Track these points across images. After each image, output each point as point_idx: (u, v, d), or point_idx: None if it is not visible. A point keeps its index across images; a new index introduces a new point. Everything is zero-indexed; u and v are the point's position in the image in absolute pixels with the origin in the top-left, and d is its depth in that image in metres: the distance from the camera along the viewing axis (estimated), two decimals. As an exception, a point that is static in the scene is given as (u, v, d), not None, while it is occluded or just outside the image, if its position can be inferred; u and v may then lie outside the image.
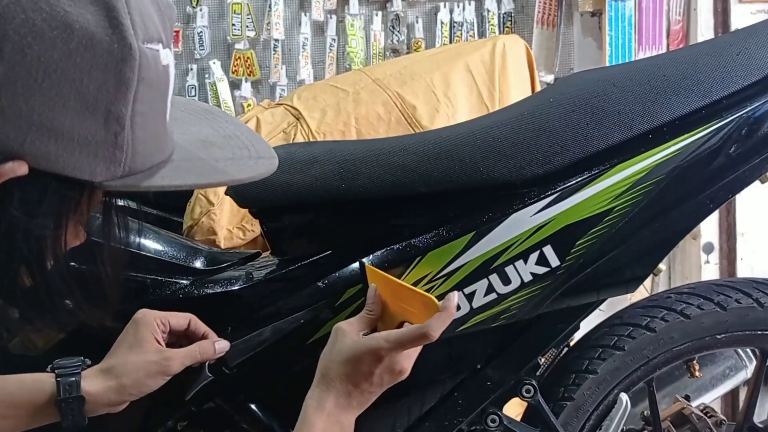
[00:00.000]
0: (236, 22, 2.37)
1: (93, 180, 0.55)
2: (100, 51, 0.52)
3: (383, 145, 1.03)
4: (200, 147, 0.65)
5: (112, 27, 0.53)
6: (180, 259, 1.07)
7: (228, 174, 0.65)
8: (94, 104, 0.53)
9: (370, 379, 0.83)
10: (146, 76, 0.56)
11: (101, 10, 0.52)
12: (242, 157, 0.67)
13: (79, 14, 0.51)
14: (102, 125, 0.54)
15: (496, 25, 2.37)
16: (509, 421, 1.08)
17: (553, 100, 1.00)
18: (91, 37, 0.52)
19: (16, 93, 0.50)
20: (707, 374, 1.63)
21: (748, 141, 0.96)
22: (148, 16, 0.56)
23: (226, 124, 0.72)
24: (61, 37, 0.51)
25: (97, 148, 0.54)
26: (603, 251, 0.98)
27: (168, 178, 0.60)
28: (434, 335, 0.82)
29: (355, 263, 0.99)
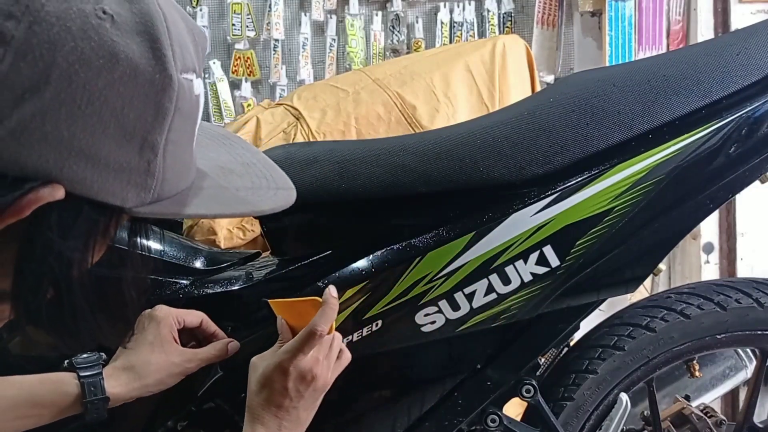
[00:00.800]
0: (236, 22, 2.37)
1: (123, 206, 0.56)
2: (143, 81, 0.54)
3: (383, 145, 1.03)
4: (220, 174, 0.66)
5: (156, 58, 0.54)
6: (180, 259, 1.07)
7: (250, 204, 0.66)
8: (131, 132, 0.54)
9: (286, 394, 0.85)
10: (181, 107, 0.57)
11: (146, 41, 0.54)
12: (261, 186, 0.69)
13: (126, 44, 0.52)
14: (137, 153, 0.55)
15: (496, 25, 2.37)
16: (509, 421, 1.08)
17: (553, 100, 1.00)
18: (135, 67, 0.53)
19: (60, 119, 0.51)
20: (707, 374, 1.63)
21: (748, 141, 0.96)
22: (185, 46, 0.57)
23: (243, 150, 0.73)
24: (106, 66, 0.52)
25: (130, 174, 0.55)
26: (603, 251, 0.98)
27: (194, 206, 0.61)
28: (321, 329, 0.85)
29: (356, 263, 0.99)
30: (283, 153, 1.08)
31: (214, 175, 0.66)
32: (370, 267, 0.99)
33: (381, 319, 0.99)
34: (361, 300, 0.98)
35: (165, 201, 0.59)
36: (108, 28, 0.52)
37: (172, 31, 0.56)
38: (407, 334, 1.00)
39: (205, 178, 0.64)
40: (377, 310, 0.98)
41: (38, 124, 0.50)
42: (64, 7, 0.50)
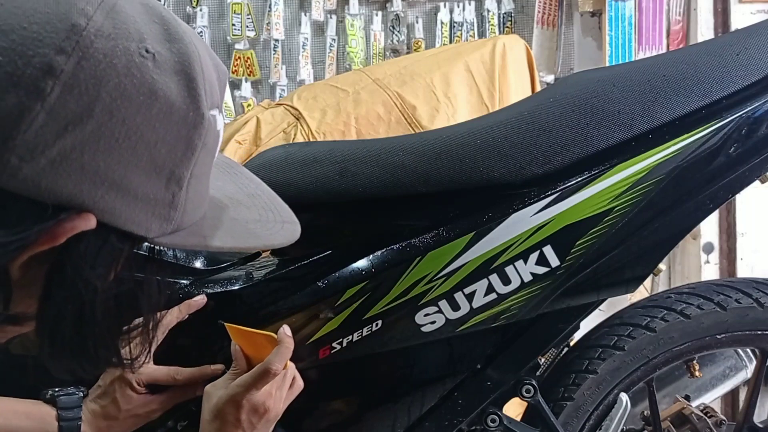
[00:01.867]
0: (236, 22, 2.37)
1: (147, 235, 0.58)
2: (177, 118, 0.55)
3: (383, 145, 1.03)
4: (230, 205, 0.69)
5: (191, 97, 0.56)
6: (180, 259, 1.07)
7: (259, 237, 0.69)
8: (161, 166, 0.56)
9: (239, 426, 0.87)
10: (207, 142, 0.59)
11: (183, 80, 0.55)
12: (269, 220, 0.71)
13: (164, 83, 0.54)
14: (164, 186, 0.57)
15: (496, 25, 2.37)
16: (509, 421, 1.08)
17: (553, 100, 1.00)
18: (171, 104, 0.55)
19: (97, 151, 0.53)
20: (707, 374, 1.63)
21: (748, 141, 0.96)
22: (213, 84, 0.59)
23: (247, 181, 0.75)
24: (146, 103, 0.54)
25: (155, 206, 0.57)
26: (603, 251, 0.98)
27: (209, 238, 0.63)
28: (275, 368, 0.86)
29: (356, 263, 0.99)
30: (283, 153, 1.08)
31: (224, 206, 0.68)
32: (370, 267, 0.99)
33: (381, 319, 0.99)
34: (361, 300, 0.98)
35: (182, 231, 0.61)
36: (150, 67, 0.54)
37: (205, 71, 0.58)
38: (407, 334, 1.00)
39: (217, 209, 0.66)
40: (377, 310, 0.98)
41: (77, 155, 0.52)
42: (111, 45, 0.52)
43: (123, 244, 0.58)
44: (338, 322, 0.99)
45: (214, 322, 0.99)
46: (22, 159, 0.51)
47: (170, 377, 0.97)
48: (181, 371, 0.98)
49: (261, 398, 0.87)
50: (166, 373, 0.97)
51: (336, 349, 1.00)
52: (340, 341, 0.99)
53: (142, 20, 0.55)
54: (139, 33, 0.54)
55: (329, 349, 1.00)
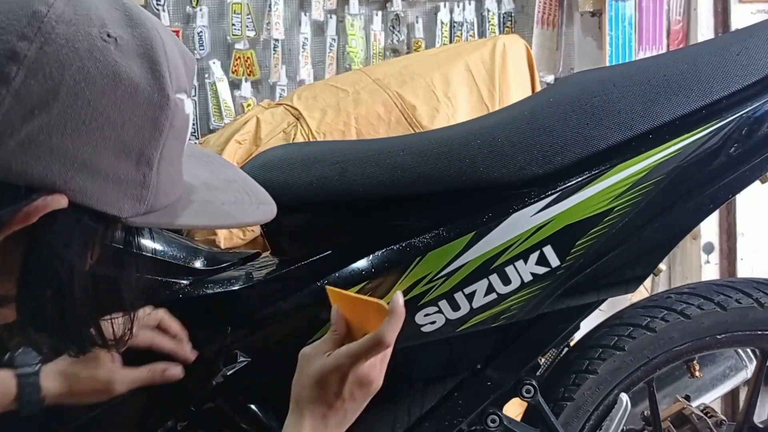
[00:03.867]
0: (236, 22, 2.37)
1: (120, 215, 0.60)
2: (142, 99, 0.58)
3: (383, 145, 1.03)
4: (205, 189, 0.71)
5: (155, 79, 0.58)
6: (180, 259, 1.07)
7: (234, 217, 0.71)
8: (130, 147, 0.58)
9: (341, 396, 0.84)
10: (175, 124, 0.61)
11: (146, 63, 0.58)
12: (244, 201, 0.73)
13: (127, 65, 0.57)
14: (134, 166, 0.59)
15: (496, 25, 2.37)
16: (509, 421, 1.08)
17: (553, 100, 1.00)
18: (135, 86, 0.57)
19: (65, 133, 0.55)
20: (707, 374, 1.63)
21: (748, 141, 0.96)
22: (179, 69, 0.62)
23: (224, 168, 0.78)
24: (110, 85, 0.56)
25: (127, 186, 0.59)
26: (603, 251, 0.98)
27: (182, 218, 0.65)
28: (388, 340, 0.83)
29: (355, 263, 0.99)
30: (283, 153, 1.08)
31: (199, 190, 0.70)
32: (370, 267, 0.99)
33: (381, 319, 0.99)
34: (361, 300, 0.98)
35: (157, 212, 0.63)
36: (112, 50, 0.56)
37: (169, 55, 0.60)
38: (407, 334, 1.00)
39: (192, 192, 0.68)
40: (377, 310, 0.98)
41: (45, 137, 0.54)
42: (73, 30, 0.55)
43: (97, 224, 0.60)
44: (338, 322, 0.99)
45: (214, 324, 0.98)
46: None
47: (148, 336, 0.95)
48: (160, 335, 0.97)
49: (367, 370, 0.84)
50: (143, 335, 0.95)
51: (336, 349, 1.00)
52: (340, 341, 0.99)
53: (104, 7, 0.57)
54: (101, 18, 0.56)
55: (329, 349, 1.00)
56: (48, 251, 0.58)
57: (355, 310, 0.88)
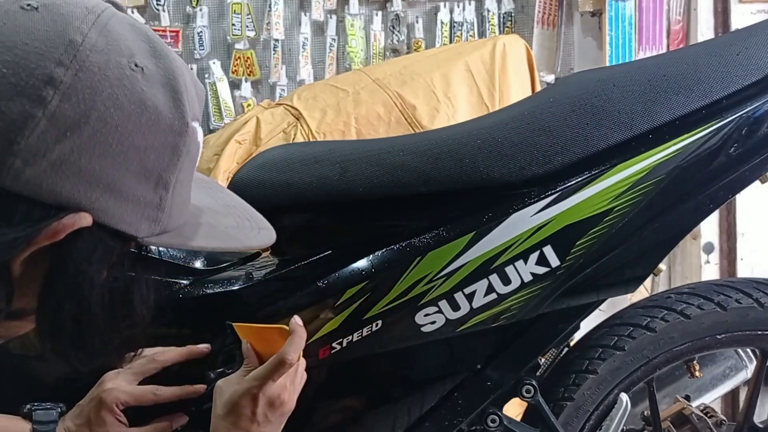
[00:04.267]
0: (236, 22, 2.37)
1: (137, 235, 0.63)
2: (164, 126, 0.61)
3: (383, 145, 1.03)
4: (208, 213, 0.74)
5: (176, 107, 0.62)
6: (180, 259, 1.07)
7: (240, 241, 0.75)
8: (150, 170, 0.62)
9: (254, 420, 0.87)
10: (191, 150, 0.65)
11: (169, 92, 0.62)
12: (245, 227, 0.77)
13: (152, 94, 0.60)
14: (152, 189, 0.63)
15: (496, 25, 2.37)
16: (509, 421, 1.08)
17: (553, 100, 1.00)
18: (159, 114, 0.61)
19: (93, 155, 0.58)
20: (707, 374, 1.63)
21: (748, 141, 0.96)
22: (193, 98, 0.66)
23: (221, 194, 0.82)
24: (136, 112, 0.59)
25: (145, 208, 0.63)
26: (603, 251, 0.98)
27: (193, 240, 0.69)
28: (290, 359, 0.87)
29: (355, 263, 0.99)
30: (283, 153, 1.08)
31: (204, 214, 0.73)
32: (370, 267, 0.99)
33: (381, 320, 0.99)
34: (361, 300, 0.98)
35: (169, 233, 0.66)
36: (139, 79, 0.60)
37: (187, 85, 0.64)
38: (407, 334, 1.00)
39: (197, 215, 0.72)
40: (377, 311, 0.98)
41: (76, 158, 0.57)
42: (105, 59, 0.58)
43: (115, 242, 0.63)
44: (338, 322, 0.99)
45: (213, 325, 0.98)
46: (25, 162, 0.56)
47: (150, 394, 0.96)
48: (161, 389, 0.97)
49: (277, 391, 0.87)
50: (144, 391, 0.96)
51: (336, 350, 1.00)
52: (340, 341, 0.99)
53: (131, 38, 0.61)
54: (129, 49, 0.60)
55: (329, 349, 1.00)
56: (73, 267, 0.61)
57: (263, 340, 0.91)
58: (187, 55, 2.40)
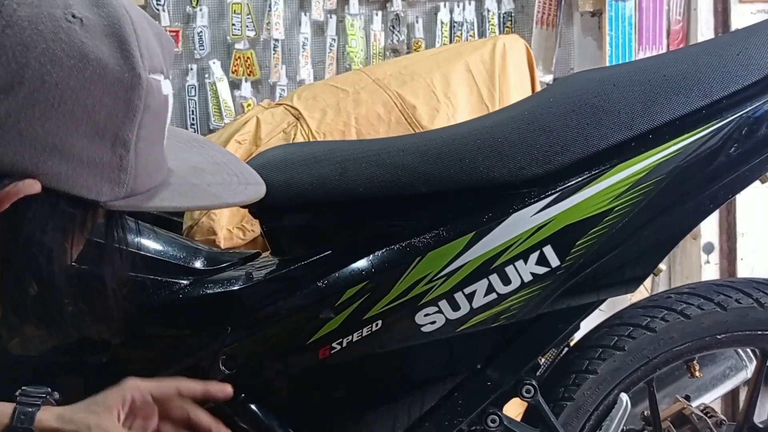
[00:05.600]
0: (236, 22, 2.37)
1: (98, 199, 0.59)
2: (112, 79, 0.57)
3: (383, 145, 1.03)
4: (192, 173, 0.70)
5: (124, 58, 0.57)
6: (180, 259, 1.07)
7: (220, 198, 0.70)
8: (103, 129, 0.57)
9: None
10: (151, 104, 0.60)
11: (114, 43, 0.57)
12: (232, 183, 0.72)
13: (95, 45, 0.56)
14: (109, 149, 0.58)
15: (496, 25, 2.36)
16: (509, 421, 1.08)
17: (553, 100, 1.00)
18: (104, 66, 0.56)
19: (33, 117, 0.54)
20: (707, 374, 1.63)
21: (748, 141, 0.96)
22: (152, 48, 0.60)
23: (213, 152, 0.77)
24: (77, 66, 0.55)
25: (103, 169, 0.58)
26: (603, 251, 0.98)
27: (166, 200, 0.64)
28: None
29: (356, 263, 0.99)
30: (283, 153, 1.08)
31: (186, 174, 0.69)
32: (370, 267, 0.99)
33: (381, 320, 0.99)
34: (361, 300, 0.98)
35: (138, 196, 0.62)
36: (77, 31, 0.55)
37: (140, 34, 0.58)
38: (407, 334, 1.00)
39: (177, 176, 0.67)
40: (377, 311, 0.98)
41: (13, 122, 0.53)
42: (36, 12, 0.54)
43: (74, 209, 0.59)
44: (338, 323, 0.99)
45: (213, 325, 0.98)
46: None
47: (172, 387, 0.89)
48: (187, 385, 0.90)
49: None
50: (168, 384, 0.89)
51: (336, 350, 1.00)
52: (340, 341, 0.99)
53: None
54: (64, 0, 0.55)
55: (329, 349, 1.00)
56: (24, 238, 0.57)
57: None
58: (187, 55, 2.40)
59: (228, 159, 0.77)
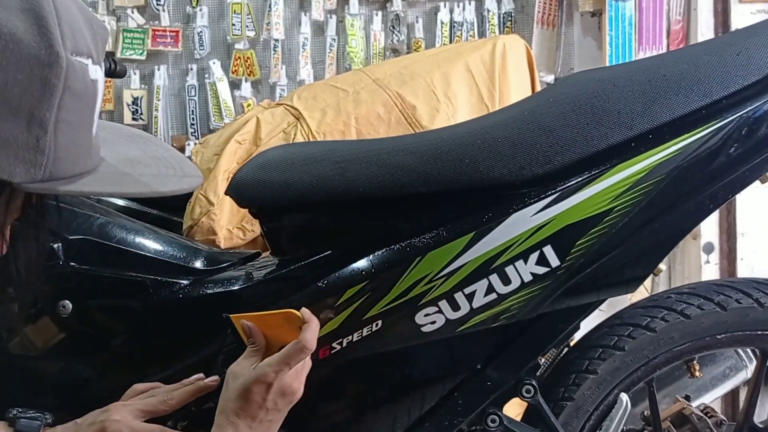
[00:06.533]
0: (236, 22, 2.37)
1: (11, 180, 0.56)
2: (27, 56, 0.54)
3: (383, 145, 1.03)
4: (127, 164, 0.68)
5: (41, 34, 0.55)
6: (180, 259, 1.07)
7: (149, 186, 0.67)
8: (17, 107, 0.55)
9: (264, 406, 0.85)
10: (72, 86, 0.57)
11: (30, 18, 0.55)
12: (167, 174, 0.70)
13: (8, 20, 0.53)
14: (24, 128, 0.56)
15: (496, 25, 2.37)
16: (509, 421, 1.08)
17: (553, 100, 1.00)
18: (18, 41, 0.54)
19: None
20: (707, 374, 1.63)
21: (748, 141, 0.96)
22: (79, 31, 0.58)
23: (155, 147, 0.75)
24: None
25: (18, 149, 0.56)
26: (603, 251, 0.98)
27: (88, 185, 0.62)
28: (310, 346, 0.86)
29: (356, 263, 0.99)
30: (283, 153, 1.08)
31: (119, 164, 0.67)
32: (370, 267, 0.99)
33: (381, 320, 0.99)
34: (361, 300, 0.98)
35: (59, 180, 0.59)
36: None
37: (62, 13, 0.56)
38: (407, 334, 1.00)
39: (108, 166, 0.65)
40: (377, 311, 0.98)
41: None
42: None
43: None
44: (338, 323, 0.99)
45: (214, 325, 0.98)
46: None
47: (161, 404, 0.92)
48: (172, 395, 0.93)
49: (290, 379, 0.86)
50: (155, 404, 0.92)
51: (336, 350, 1.00)
52: (340, 341, 0.99)
53: None
54: None
55: (329, 349, 1.00)
56: None
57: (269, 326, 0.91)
58: (187, 55, 2.40)
59: (170, 154, 0.75)
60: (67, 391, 1.05)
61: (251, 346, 0.90)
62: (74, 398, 1.05)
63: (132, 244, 1.04)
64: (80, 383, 1.05)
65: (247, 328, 0.91)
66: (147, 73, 2.39)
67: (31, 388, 1.04)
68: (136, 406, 0.91)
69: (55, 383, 1.05)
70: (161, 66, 2.38)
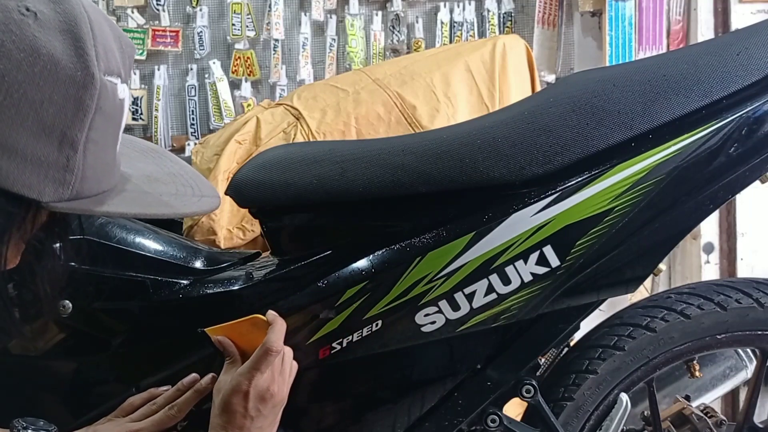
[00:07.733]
0: (236, 22, 2.37)
1: (40, 199, 0.57)
2: (64, 77, 0.55)
3: (383, 145, 1.03)
4: (145, 182, 0.68)
5: (78, 56, 0.55)
6: (180, 259, 1.07)
7: (172, 207, 0.68)
8: (51, 127, 0.55)
9: (247, 415, 0.86)
10: (103, 106, 0.58)
11: (69, 40, 0.55)
12: (186, 194, 0.71)
13: (47, 41, 0.54)
14: (56, 148, 0.56)
15: (496, 25, 2.37)
16: (509, 421, 1.08)
17: (553, 100, 1.00)
18: (56, 63, 0.54)
19: None
20: (707, 374, 1.63)
21: (748, 141, 0.96)
22: (111, 51, 0.59)
23: (170, 163, 0.75)
24: (27, 60, 0.53)
25: (48, 169, 0.56)
26: (603, 251, 0.98)
27: (114, 205, 0.62)
28: (275, 347, 0.86)
29: (356, 263, 0.99)
30: (283, 153, 1.08)
31: (139, 182, 0.67)
32: (370, 267, 0.99)
33: (381, 320, 0.99)
34: (361, 300, 0.98)
35: (85, 199, 0.60)
36: (30, 24, 0.53)
37: (97, 34, 0.57)
38: (407, 334, 1.00)
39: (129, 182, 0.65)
40: (377, 311, 0.98)
41: None
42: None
43: (15, 208, 0.57)
44: (338, 323, 0.99)
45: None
46: None
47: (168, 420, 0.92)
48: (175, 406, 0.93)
49: (265, 384, 0.86)
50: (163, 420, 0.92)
51: (336, 350, 1.00)
52: (340, 341, 0.99)
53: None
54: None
55: (329, 349, 1.00)
56: None
57: (239, 335, 0.92)
58: (187, 55, 2.40)
59: (185, 171, 0.76)
60: (67, 391, 1.05)
61: (227, 359, 0.92)
62: (74, 398, 1.05)
63: (132, 244, 1.04)
64: (80, 383, 1.05)
65: (218, 342, 0.92)
66: (147, 73, 2.39)
67: (31, 388, 1.04)
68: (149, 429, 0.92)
69: (55, 383, 1.05)
70: (161, 66, 2.38)
